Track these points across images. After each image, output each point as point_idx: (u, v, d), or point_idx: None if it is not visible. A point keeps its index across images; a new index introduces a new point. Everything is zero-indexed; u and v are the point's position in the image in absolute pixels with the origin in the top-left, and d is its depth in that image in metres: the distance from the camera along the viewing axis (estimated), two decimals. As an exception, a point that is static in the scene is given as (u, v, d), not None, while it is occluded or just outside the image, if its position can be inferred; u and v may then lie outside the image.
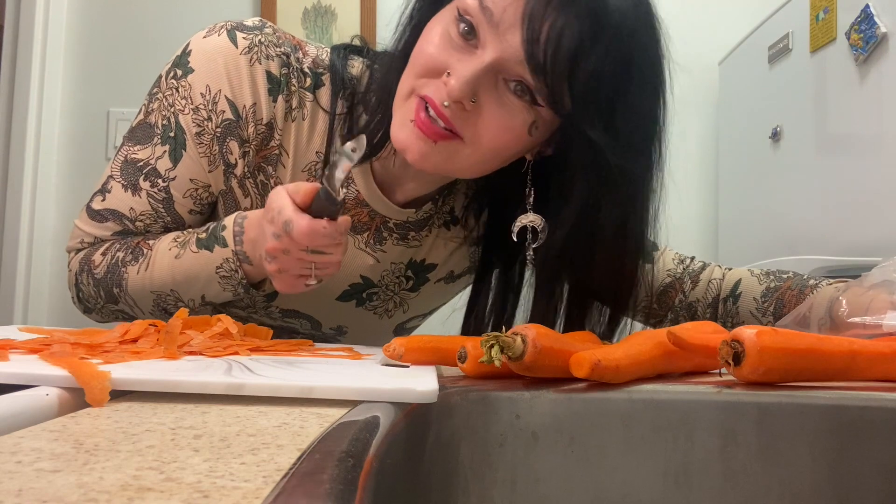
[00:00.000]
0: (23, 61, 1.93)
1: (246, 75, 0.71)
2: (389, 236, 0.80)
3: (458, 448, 0.41)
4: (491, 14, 0.61)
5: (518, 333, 0.42)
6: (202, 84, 0.71)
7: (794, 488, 0.40)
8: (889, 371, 0.47)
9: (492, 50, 0.61)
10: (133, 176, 0.74)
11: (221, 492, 0.20)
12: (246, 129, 0.72)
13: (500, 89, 0.63)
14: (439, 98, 0.62)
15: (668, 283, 0.83)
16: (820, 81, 1.41)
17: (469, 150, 0.65)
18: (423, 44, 0.65)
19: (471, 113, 0.63)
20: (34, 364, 0.39)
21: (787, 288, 0.75)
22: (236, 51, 0.71)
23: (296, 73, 0.73)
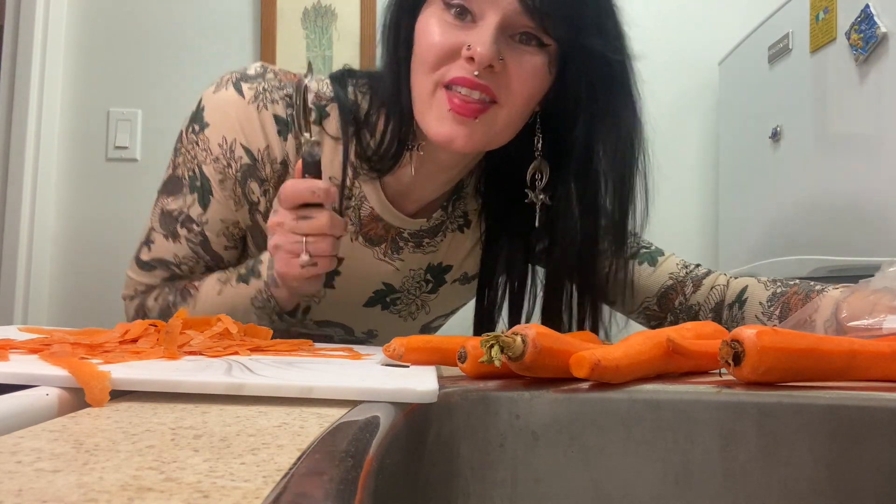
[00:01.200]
0: (23, 61, 1.93)
1: (256, 122, 0.77)
2: (405, 245, 0.84)
3: (458, 448, 0.41)
4: None
5: (518, 333, 0.42)
6: (218, 136, 0.77)
7: (794, 488, 0.40)
8: (889, 371, 0.47)
9: (492, 14, 0.66)
10: (171, 225, 0.80)
11: (221, 492, 0.20)
12: (263, 169, 0.78)
13: (512, 46, 0.69)
14: (469, 72, 0.67)
15: (669, 285, 0.84)
16: (820, 81, 1.41)
17: (505, 110, 0.70)
18: (424, 40, 0.69)
19: (500, 73, 0.68)
20: (34, 364, 0.39)
21: (794, 293, 0.75)
22: (244, 101, 0.77)
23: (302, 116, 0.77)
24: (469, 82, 0.67)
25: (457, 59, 0.68)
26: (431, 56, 0.69)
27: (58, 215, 1.99)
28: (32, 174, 1.93)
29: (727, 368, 0.43)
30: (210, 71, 2.00)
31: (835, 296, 0.68)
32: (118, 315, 0.93)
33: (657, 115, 2.26)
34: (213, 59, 2.01)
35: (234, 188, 0.78)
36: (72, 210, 2.00)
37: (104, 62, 2.01)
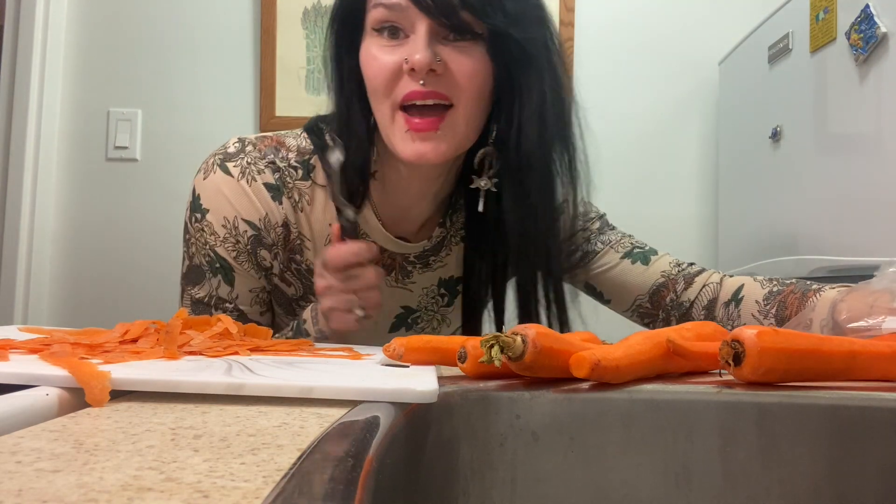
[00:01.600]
0: (23, 61, 1.93)
1: (249, 196, 0.80)
2: (413, 268, 0.87)
3: (458, 448, 0.41)
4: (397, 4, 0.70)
5: (518, 333, 0.42)
6: (220, 218, 0.80)
7: (794, 488, 0.40)
8: (889, 371, 0.47)
9: (420, 23, 0.70)
10: (205, 310, 0.82)
11: (221, 492, 0.20)
12: (268, 236, 0.82)
13: (449, 46, 0.72)
14: (416, 84, 0.70)
15: (661, 282, 0.85)
16: (820, 81, 1.41)
17: (461, 110, 0.73)
18: (369, 70, 0.74)
19: (445, 75, 0.71)
20: (34, 364, 0.39)
21: (790, 292, 0.76)
22: (233, 179, 0.80)
23: (287, 171, 0.82)
24: (419, 94, 0.70)
25: (401, 77, 0.71)
26: (379, 82, 0.72)
27: (58, 215, 1.99)
28: (32, 174, 1.93)
29: (727, 368, 0.43)
30: (210, 71, 2.01)
31: (831, 296, 0.68)
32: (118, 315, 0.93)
33: (657, 115, 2.27)
34: (213, 60, 2.01)
35: (249, 260, 0.82)
36: (72, 210, 2.00)
37: (104, 62, 2.01)
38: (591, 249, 0.87)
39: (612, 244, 0.87)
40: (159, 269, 1.87)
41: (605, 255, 0.87)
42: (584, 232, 0.88)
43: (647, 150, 2.03)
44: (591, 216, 0.90)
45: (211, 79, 2.01)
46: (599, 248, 0.87)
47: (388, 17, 0.72)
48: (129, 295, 1.94)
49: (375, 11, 0.72)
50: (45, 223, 1.96)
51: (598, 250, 0.87)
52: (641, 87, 2.03)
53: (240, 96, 2.00)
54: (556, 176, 0.79)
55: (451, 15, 0.69)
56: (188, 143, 1.99)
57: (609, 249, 0.87)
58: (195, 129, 1.99)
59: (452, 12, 0.69)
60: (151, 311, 0.97)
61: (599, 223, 0.89)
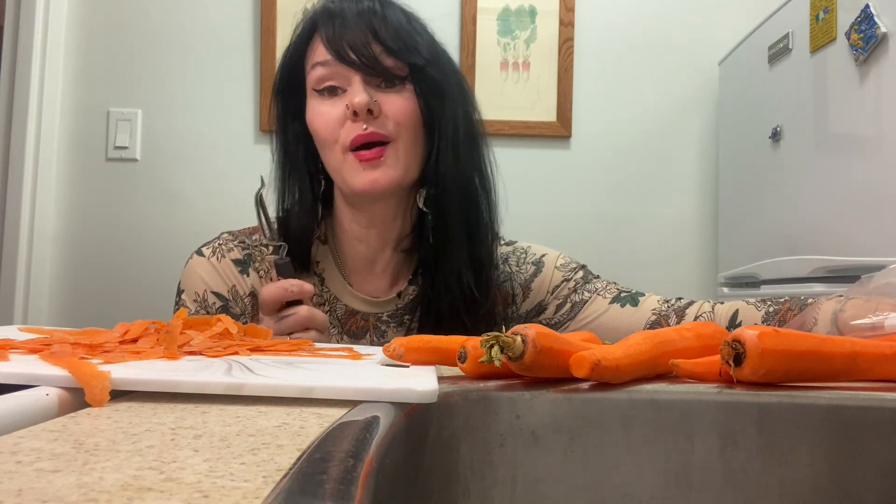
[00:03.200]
0: (23, 61, 1.93)
1: (218, 271, 0.88)
2: (388, 328, 0.89)
3: (458, 448, 0.41)
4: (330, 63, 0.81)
5: (518, 333, 0.42)
6: (192, 293, 0.88)
7: (794, 488, 0.40)
8: (891, 372, 0.47)
9: (353, 77, 0.81)
10: None
11: (221, 492, 0.20)
12: (236, 306, 0.88)
13: (382, 91, 0.82)
14: (359, 128, 0.79)
15: (653, 320, 0.85)
16: (820, 81, 1.41)
17: (400, 143, 0.82)
18: (317, 125, 0.83)
19: (381, 117, 0.80)
20: (34, 364, 0.39)
21: (787, 309, 0.76)
22: (205, 259, 0.89)
23: (257, 249, 0.89)
24: (362, 137, 0.80)
25: (346, 122, 0.80)
26: (328, 131, 0.82)
27: (58, 215, 1.99)
28: (32, 174, 1.93)
29: (728, 369, 0.43)
30: (210, 71, 2.01)
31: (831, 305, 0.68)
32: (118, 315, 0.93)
33: (657, 115, 2.27)
34: (213, 59, 2.01)
35: None
36: (72, 210, 2.00)
37: (104, 62, 2.01)
38: (578, 300, 0.88)
39: (599, 291, 0.88)
40: (159, 268, 1.87)
41: (592, 302, 0.88)
42: (568, 283, 0.90)
43: (647, 150, 2.03)
44: (572, 266, 0.91)
45: (211, 79, 2.01)
46: (587, 297, 0.88)
47: (325, 75, 0.82)
48: (129, 295, 1.94)
49: (314, 72, 0.83)
50: (45, 223, 1.96)
51: (585, 299, 0.88)
52: (641, 87, 2.04)
53: (240, 96, 2.00)
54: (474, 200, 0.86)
55: (376, 65, 0.80)
56: (188, 143, 1.99)
57: (596, 297, 0.88)
58: (195, 129, 1.99)
59: (377, 62, 0.80)
60: (151, 311, 0.97)
61: (583, 272, 0.91)
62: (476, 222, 0.86)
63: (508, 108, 1.99)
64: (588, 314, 0.87)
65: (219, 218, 0.92)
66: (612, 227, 1.99)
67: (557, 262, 0.91)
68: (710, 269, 2.01)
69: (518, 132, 1.99)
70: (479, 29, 2.00)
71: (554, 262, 0.91)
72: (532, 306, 0.90)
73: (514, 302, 0.90)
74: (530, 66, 2.00)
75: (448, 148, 0.84)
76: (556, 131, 2.00)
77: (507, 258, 0.92)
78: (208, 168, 1.99)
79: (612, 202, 2.02)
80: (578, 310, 0.88)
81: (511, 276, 0.91)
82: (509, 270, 0.91)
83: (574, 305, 0.88)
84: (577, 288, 0.89)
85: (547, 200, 2.00)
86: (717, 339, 0.50)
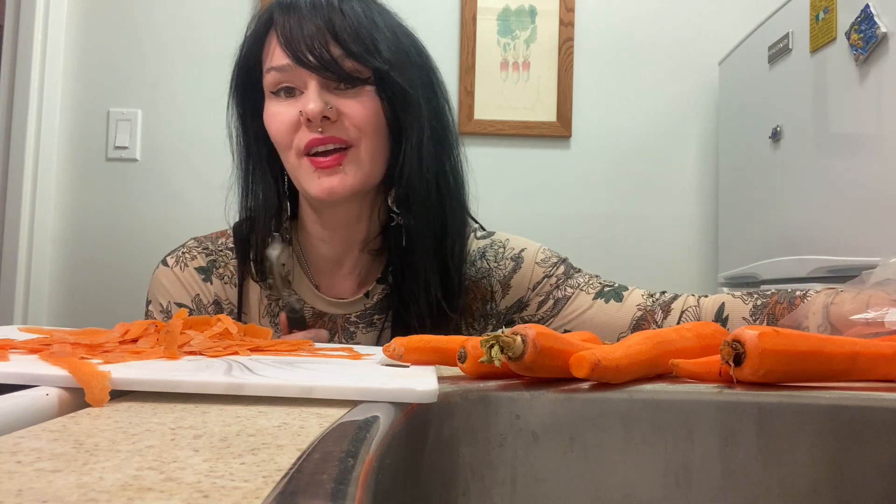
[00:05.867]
0: (23, 61, 1.93)
1: (181, 280, 0.87)
2: (356, 328, 0.87)
3: (458, 448, 0.41)
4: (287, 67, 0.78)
5: (518, 333, 0.42)
6: (157, 304, 0.87)
7: (794, 488, 0.40)
8: (891, 372, 0.47)
9: (310, 80, 0.77)
10: None
11: (221, 492, 0.20)
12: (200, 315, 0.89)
13: (340, 93, 0.78)
14: (314, 133, 0.77)
15: (639, 315, 0.83)
16: (820, 81, 1.41)
17: (362, 148, 0.79)
18: (273, 127, 0.80)
19: (340, 121, 0.77)
20: (34, 364, 0.39)
21: (776, 302, 0.75)
22: (169, 269, 0.88)
23: (222, 253, 0.88)
24: (317, 141, 0.77)
25: (300, 128, 0.78)
26: (282, 135, 0.79)
27: (58, 215, 1.99)
28: (32, 174, 1.93)
29: (728, 369, 0.43)
30: (210, 71, 2.01)
31: (821, 299, 0.68)
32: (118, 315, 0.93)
33: (657, 115, 2.27)
34: (213, 60, 2.01)
35: None
36: (72, 210, 2.00)
37: (104, 62, 2.01)
38: (561, 296, 0.86)
39: (582, 287, 0.86)
40: (159, 269, 1.86)
41: (576, 298, 0.86)
42: (549, 279, 0.87)
43: (647, 151, 2.03)
44: (553, 261, 0.89)
45: (211, 79, 2.00)
46: (570, 293, 0.86)
47: (280, 79, 0.79)
48: (129, 295, 1.94)
49: (269, 76, 0.80)
50: (45, 223, 1.96)
51: (568, 295, 0.86)
52: (641, 87, 2.04)
53: (240, 96, 2.00)
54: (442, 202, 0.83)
55: (335, 68, 0.77)
56: (188, 143, 1.99)
57: (580, 292, 0.86)
58: (195, 129, 1.99)
59: (336, 65, 0.77)
60: (151, 311, 0.97)
61: (564, 267, 0.88)
62: (444, 225, 0.83)
63: (508, 108, 1.99)
64: (571, 311, 0.85)
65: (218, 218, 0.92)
66: (612, 227, 1.99)
67: (538, 258, 0.88)
68: (710, 269, 2.01)
69: (518, 132, 1.99)
70: (479, 29, 2.00)
71: (534, 257, 0.88)
72: (512, 303, 0.88)
73: (493, 298, 0.88)
74: (530, 66, 2.00)
75: (413, 150, 0.80)
76: (556, 131, 2.00)
77: (485, 253, 0.89)
78: (208, 168, 1.99)
79: (612, 202, 2.02)
80: (562, 306, 0.86)
81: (489, 273, 0.88)
82: (487, 266, 0.88)
83: (557, 302, 0.86)
84: (560, 284, 0.87)
85: (547, 200, 2.00)
86: (717, 339, 0.50)
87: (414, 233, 0.81)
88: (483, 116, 1.98)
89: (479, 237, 0.91)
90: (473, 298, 0.87)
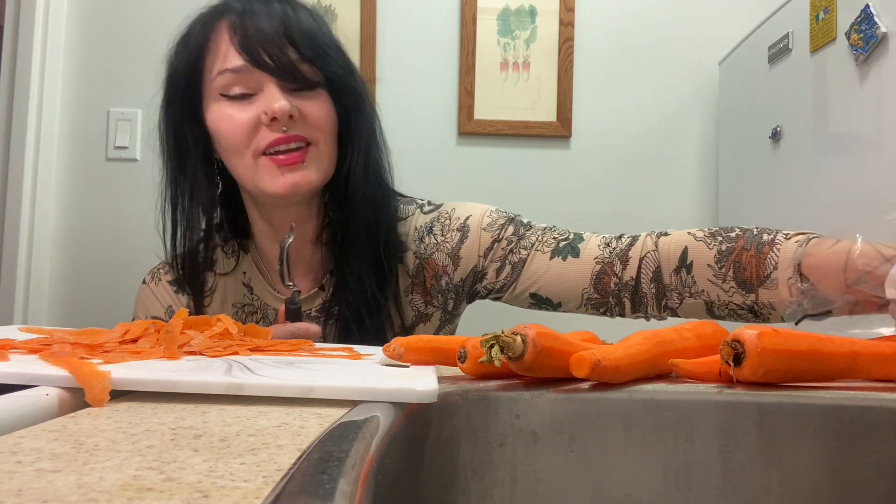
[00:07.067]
0: (23, 61, 1.93)
1: (156, 293, 0.93)
2: (318, 322, 0.87)
3: (458, 448, 0.41)
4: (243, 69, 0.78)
5: (518, 333, 0.42)
6: (137, 318, 0.92)
7: (794, 488, 0.40)
8: (891, 372, 0.47)
9: (268, 82, 0.78)
10: None
11: (221, 492, 0.20)
12: None
13: (296, 96, 0.80)
14: (278, 132, 0.78)
15: (598, 270, 0.81)
16: (820, 81, 1.41)
17: (321, 146, 0.81)
18: (226, 129, 0.80)
19: (301, 121, 0.79)
20: (34, 364, 0.39)
21: (742, 248, 0.72)
22: (146, 286, 0.94)
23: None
24: (281, 139, 0.78)
25: (259, 129, 0.79)
26: (239, 137, 0.79)
27: (58, 215, 1.99)
28: (32, 174, 1.93)
29: (727, 369, 0.43)
30: (210, 71, 2.00)
31: (791, 251, 0.69)
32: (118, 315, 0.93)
33: (657, 115, 2.26)
34: (213, 59, 2.01)
35: None
36: (72, 210, 2.00)
37: (104, 62, 2.01)
38: (517, 260, 0.84)
39: (536, 246, 0.84)
40: (159, 269, 1.86)
41: (533, 260, 0.84)
42: (499, 243, 0.85)
43: (648, 150, 2.03)
44: (500, 223, 0.87)
45: (211, 79, 2.01)
46: (525, 256, 0.84)
47: (235, 80, 0.79)
48: (129, 295, 1.93)
49: (221, 78, 0.80)
50: (45, 223, 1.96)
51: (524, 258, 0.84)
52: (641, 88, 2.03)
53: (240, 96, 2.00)
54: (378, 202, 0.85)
55: (292, 70, 0.78)
56: (188, 143, 1.99)
57: (535, 253, 0.84)
58: (195, 129, 1.99)
59: (293, 68, 0.78)
60: (151, 311, 0.97)
61: (513, 227, 0.86)
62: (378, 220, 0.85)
63: (508, 108, 1.99)
64: (531, 274, 0.84)
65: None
66: (612, 227, 1.98)
67: (483, 223, 0.86)
68: (710, 269, 2.00)
69: (518, 132, 1.99)
70: (479, 29, 2.00)
71: (479, 223, 0.86)
72: (466, 273, 0.87)
73: (446, 272, 0.87)
74: (530, 66, 2.00)
75: (361, 152, 0.84)
76: (556, 131, 2.00)
77: (432, 227, 0.88)
78: (208, 168, 1.99)
79: (612, 202, 2.02)
80: (520, 270, 0.84)
81: (437, 247, 0.87)
82: (435, 241, 0.87)
83: (514, 267, 0.84)
84: (513, 248, 0.85)
85: (547, 200, 2.00)
86: (717, 339, 0.50)
87: (352, 229, 0.84)
88: (483, 116, 1.98)
89: (426, 212, 0.90)
90: (428, 276, 0.87)
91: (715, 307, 0.74)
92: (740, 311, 0.73)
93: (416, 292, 0.88)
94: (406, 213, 0.90)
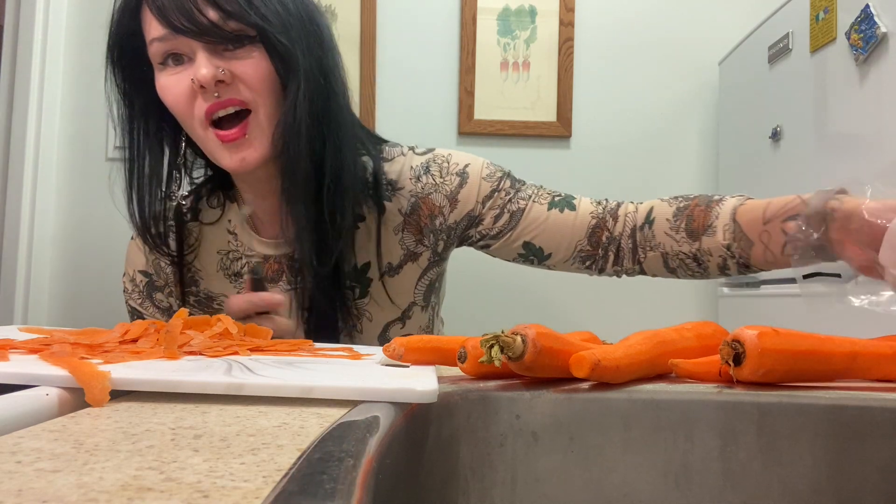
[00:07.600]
0: (23, 61, 1.93)
1: (141, 249, 0.93)
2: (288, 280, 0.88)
3: (458, 448, 0.41)
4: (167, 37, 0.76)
5: (518, 333, 0.42)
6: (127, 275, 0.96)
7: (794, 488, 0.40)
8: (890, 372, 0.47)
9: (195, 46, 0.75)
10: None
11: (221, 492, 0.20)
12: (159, 278, 0.93)
13: (230, 56, 0.76)
14: (211, 98, 0.75)
15: (594, 224, 0.87)
16: (820, 81, 1.41)
17: (261, 110, 0.77)
18: (169, 98, 0.78)
19: (235, 83, 0.76)
20: (34, 364, 0.39)
21: (695, 205, 0.80)
22: (133, 241, 0.94)
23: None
24: (217, 105, 0.76)
25: (196, 96, 0.76)
26: (181, 107, 0.77)
27: (58, 215, 1.99)
28: (32, 174, 1.93)
29: (727, 369, 0.43)
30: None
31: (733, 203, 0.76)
32: (118, 315, 0.93)
33: (657, 115, 2.27)
34: (213, 59, 2.01)
35: (152, 304, 0.94)
36: (72, 210, 2.00)
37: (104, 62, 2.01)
38: (516, 209, 0.87)
39: (534, 198, 0.88)
40: (159, 269, 1.86)
41: (531, 210, 0.87)
42: (499, 192, 0.88)
43: (648, 150, 2.03)
44: (498, 175, 0.89)
45: (211, 79, 2.01)
46: (523, 206, 0.87)
47: (164, 48, 0.77)
48: (129, 295, 1.94)
49: (153, 47, 0.78)
50: (45, 223, 1.96)
51: (522, 208, 0.87)
52: (641, 87, 2.03)
53: (240, 96, 2.00)
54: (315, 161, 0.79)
55: (213, 31, 0.74)
56: (188, 143, 1.99)
57: (533, 204, 0.88)
58: (195, 129, 1.99)
59: (214, 28, 0.74)
60: (151, 311, 0.97)
61: (509, 180, 0.89)
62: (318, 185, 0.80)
63: (508, 108, 1.99)
64: (529, 222, 0.87)
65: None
66: (612, 227, 1.99)
67: (483, 172, 0.88)
68: (710, 269, 2.01)
69: (518, 132, 1.99)
70: (479, 29, 2.00)
71: (479, 172, 0.88)
72: (461, 217, 0.88)
73: (442, 213, 0.88)
74: (530, 66, 2.00)
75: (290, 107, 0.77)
76: (556, 131, 2.00)
77: (429, 167, 0.88)
78: (208, 168, 1.99)
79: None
80: (518, 219, 0.87)
81: (436, 188, 0.88)
82: (433, 181, 0.88)
83: (513, 215, 0.87)
84: (511, 198, 0.88)
85: (547, 200, 2.00)
86: (717, 339, 0.50)
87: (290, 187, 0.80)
88: (483, 116, 1.98)
89: (420, 153, 0.91)
90: (423, 214, 0.88)
91: (668, 258, 0.82)
92: (687, 259, 0.80)
93: (409, 230, 0.88)
94: (392, 154, 0.90)
